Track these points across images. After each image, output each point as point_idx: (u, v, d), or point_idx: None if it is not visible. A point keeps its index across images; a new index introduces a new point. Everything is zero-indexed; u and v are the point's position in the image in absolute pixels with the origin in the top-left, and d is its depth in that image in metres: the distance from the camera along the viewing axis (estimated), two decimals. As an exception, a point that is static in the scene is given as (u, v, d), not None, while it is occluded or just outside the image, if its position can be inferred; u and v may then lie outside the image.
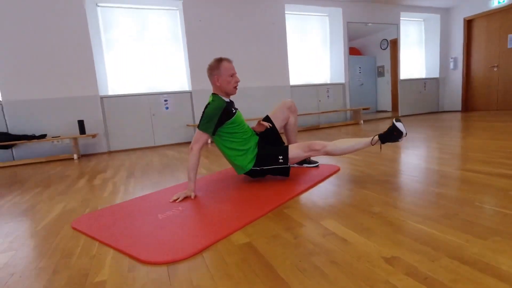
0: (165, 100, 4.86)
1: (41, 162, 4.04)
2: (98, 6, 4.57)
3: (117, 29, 4.68)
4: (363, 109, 5.97)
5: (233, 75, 1.85)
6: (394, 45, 7.05)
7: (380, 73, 9.05)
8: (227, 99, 1.93)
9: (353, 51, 9.32)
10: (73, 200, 1.98)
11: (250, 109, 5.25)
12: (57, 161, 4.02)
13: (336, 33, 6.01)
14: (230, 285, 0.87)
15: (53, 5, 4.12)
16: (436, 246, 0.99)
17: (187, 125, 4.89)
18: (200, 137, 1.81)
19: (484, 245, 0.97)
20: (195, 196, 1.76)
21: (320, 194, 1.66)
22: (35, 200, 2.04)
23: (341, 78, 6.10)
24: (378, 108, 9.30)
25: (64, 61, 4.25)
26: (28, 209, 1.85)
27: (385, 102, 8.94)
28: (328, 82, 6.22)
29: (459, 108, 7.04)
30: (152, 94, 4.78)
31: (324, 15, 6.07)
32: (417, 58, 7.25)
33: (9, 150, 4.23)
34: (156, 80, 4.95)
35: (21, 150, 4.22)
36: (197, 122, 4.58)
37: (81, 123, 4.29)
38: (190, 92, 4.96)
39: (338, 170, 2.18)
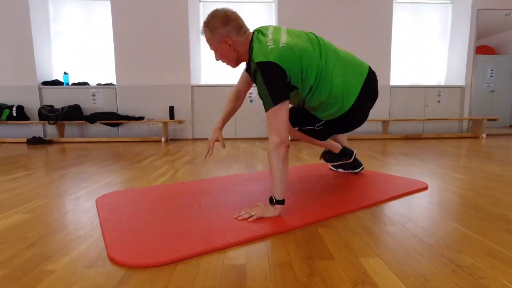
0: (250, 93, 4.78)
1: (136, 141, 4.49)
2: (201, 1, 4.82)
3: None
4: (488, 119, 4.65)
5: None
6: (549, 40, 5.33)
7: (523, 78, 7.01)
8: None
9: (484, 49, 7.52)
10: (125, 175, 2.00)
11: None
12: (148, 142, 4.39)
13: (460, 24, 4.85)
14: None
15: (159, 1, 4.52)
16: None
17: (268, 120, 4.70)
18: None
19: None
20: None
21: (379, 215, 1.18)
22: (96, 171, 2.16)
23: (460, 80, 4.91)
24: (514, 123, 7.26)
25: (164, 52, 4.62)
26: (85, 178, 1.94)
27: (526, 115, 6.89)
28: (442, 84, 5.10)
29: None
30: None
31: (447, 2, 4.97)
32: None
33: (116, 128, 4.87)
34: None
35: (124, 129, 4.80)
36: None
37: (171, 109, 4.61)
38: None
39: (425, 188, 1.59)
